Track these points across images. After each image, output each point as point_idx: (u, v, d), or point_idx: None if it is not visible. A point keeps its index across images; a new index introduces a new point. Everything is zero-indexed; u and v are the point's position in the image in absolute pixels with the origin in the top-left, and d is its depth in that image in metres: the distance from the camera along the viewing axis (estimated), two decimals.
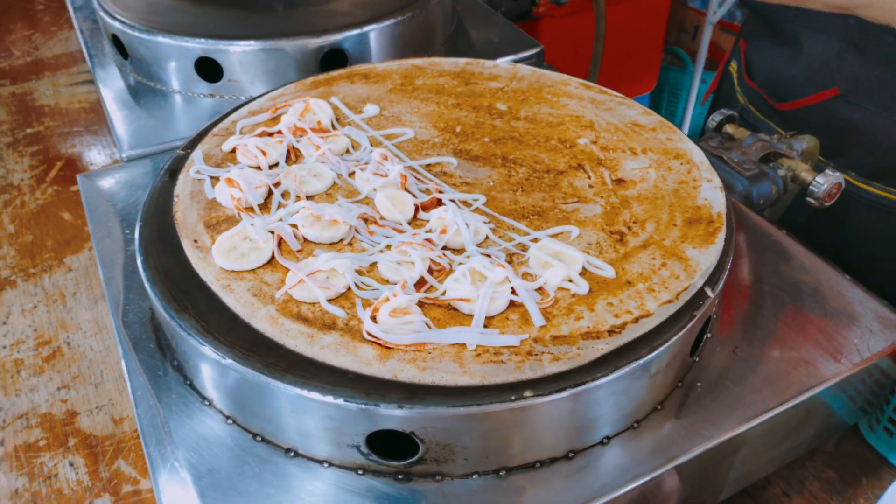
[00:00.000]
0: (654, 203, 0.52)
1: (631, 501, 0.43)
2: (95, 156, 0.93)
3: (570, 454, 0.44)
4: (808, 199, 0.68)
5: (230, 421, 0.46)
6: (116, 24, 0.78)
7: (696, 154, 0.57)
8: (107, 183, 0.65)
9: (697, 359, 0.49)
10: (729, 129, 0.75)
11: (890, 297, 0.55)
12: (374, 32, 0.76)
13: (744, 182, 0.67)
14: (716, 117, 0.76)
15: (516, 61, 0.83)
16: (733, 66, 1.02)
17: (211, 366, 0.44)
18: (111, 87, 0.80)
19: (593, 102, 0.63)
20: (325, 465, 0.43)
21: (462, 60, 0.70)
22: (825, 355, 0.49)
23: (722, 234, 0.49)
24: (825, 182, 0.66)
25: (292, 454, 0.44)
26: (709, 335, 0.51)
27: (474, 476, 0.43)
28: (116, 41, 0.80)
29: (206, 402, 0.47)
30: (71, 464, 0.59)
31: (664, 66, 1.98)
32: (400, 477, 0.43)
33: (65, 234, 0.81)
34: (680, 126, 1.93)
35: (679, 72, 1.99)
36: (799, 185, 0.70)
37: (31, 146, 0.95)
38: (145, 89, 0.79)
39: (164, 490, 0.42)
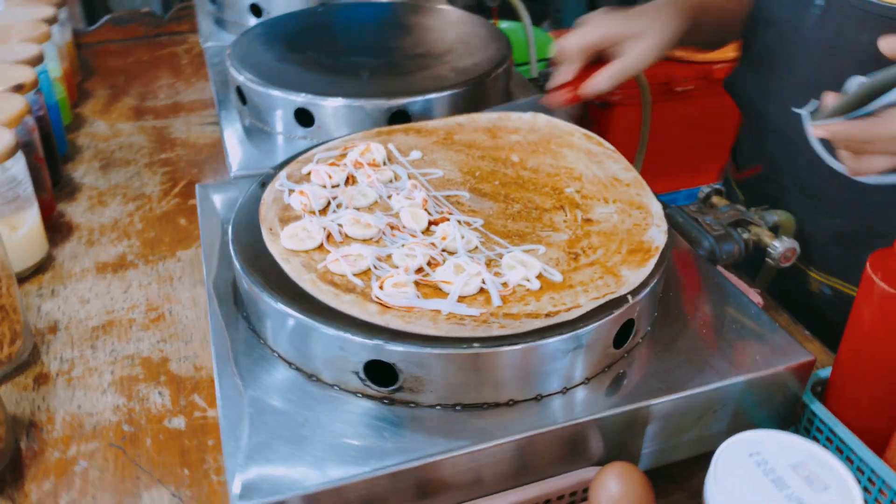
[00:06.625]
0: (610, 237, 0.69)
1: (551, 441, 0.58)
2: (210, 179, 1.16)
3: (510, 402, 0.60)
4: (766, 259, 0.82)
5: (275, 354, 0.64)
6: (240, 78, 1.01)
7: (655, 207, 0.73)
8: (216, 192, 0.87)
9: (626, 354, 0.64)
10: (714, 199, 0.91)
11: None
12: (433, 101, 0.97)
13: (710, 240, 0.82)
14: (705, 189, 0.92)
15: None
16: None
17: (265, 307, 0.62)
18: (231, 125, 1.04)
19: (588, 154, 0.81)
20: (335, 388, 0.61)
21: (495, 115, 0.89)
22: (727, 364, 0.63)
23: (653, 262, 0.65)
24: (780, 246, 0.81)
25: (314, 379, 0.62)
26: (640, 341, 0.66)
27: (438, 407, 0.59)
28: (239, 91, 1.03)
29: (262, 341, 0.65)
30: (159, 393, 0.78)
31: None
32: (385, 401, 0.60)
33: (179, 234, 1.04)
34: None
35: None
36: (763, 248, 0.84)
37: (163, 167, 1.20)
38: (256, 129, 1.02)
39: (221, 382, 0.60)
